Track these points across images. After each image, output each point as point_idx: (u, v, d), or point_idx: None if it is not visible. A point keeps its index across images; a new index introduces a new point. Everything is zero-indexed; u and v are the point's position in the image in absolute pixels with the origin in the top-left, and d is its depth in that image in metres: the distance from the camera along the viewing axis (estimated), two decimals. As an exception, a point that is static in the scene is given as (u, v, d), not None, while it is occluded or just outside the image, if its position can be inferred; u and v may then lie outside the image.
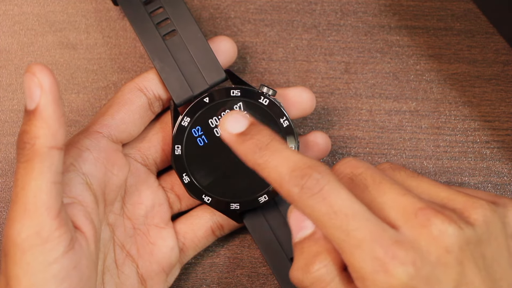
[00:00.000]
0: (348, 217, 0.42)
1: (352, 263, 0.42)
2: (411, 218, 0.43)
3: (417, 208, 0.43)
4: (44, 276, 0.43)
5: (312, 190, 0.43)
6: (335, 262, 0.44)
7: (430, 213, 0.42)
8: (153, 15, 0.52)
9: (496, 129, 0.56)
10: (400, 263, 0.41)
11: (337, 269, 0.44)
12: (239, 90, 0.51)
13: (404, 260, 0.41)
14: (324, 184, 0.43)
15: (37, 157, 0.43)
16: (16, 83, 0.56)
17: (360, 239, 0.42)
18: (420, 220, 0.42)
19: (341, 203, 0.43)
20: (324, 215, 0.43)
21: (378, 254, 0.41)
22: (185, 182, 0.51)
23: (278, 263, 0.52)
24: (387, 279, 0.41)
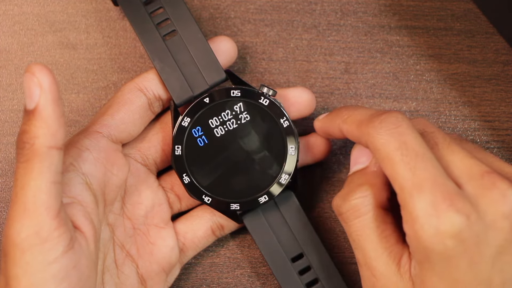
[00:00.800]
0: (418, 156, 0.43)
1: (408, 203, 0.43)
2: (476, 178, 0.43)
3: (484, 170, 0.44)
4: (44, 275, 0.43)
5: (390, 124, 0.44)
6: (374, 196, 0.45)
7: (496, 177, 0.43)
8: (153, 15, 0.52)
9: (496, 129, 0.56)
10: (455, 211, 0.42)
11: (374, 203, 0.45)
12: (239, 90, 0.51)
13: (460, 209, 0.42)
14: (402, 122, 0.44)
15: (36, 157, 0.43)
16: (16, 83, 0.56)
17: (424, 179, 0.43)
18: (485, 182, 0.43)
19: (415, 142, 0.44)
20: (396, 150, 0.44)
21: (437, 198, 0.42)
22: (185, 183, 0.51)
23: (278, 263, 0.52)
24: (438, 223, 0.42)
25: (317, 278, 0.52)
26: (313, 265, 0.52)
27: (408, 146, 0.44)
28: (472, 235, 0.42)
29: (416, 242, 0.43)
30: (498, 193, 0.43)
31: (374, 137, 0.45)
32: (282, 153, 0.51)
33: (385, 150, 0.44)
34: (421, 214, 0.42)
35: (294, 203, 0.53)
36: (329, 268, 0.52)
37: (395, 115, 0.45)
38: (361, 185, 0.46)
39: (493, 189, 0.43)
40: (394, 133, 0.44)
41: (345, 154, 0.56)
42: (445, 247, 0.42)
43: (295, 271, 0.52)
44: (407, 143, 0.44)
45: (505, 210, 0.43)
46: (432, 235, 0.42)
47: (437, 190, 0.42)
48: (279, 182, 0.51)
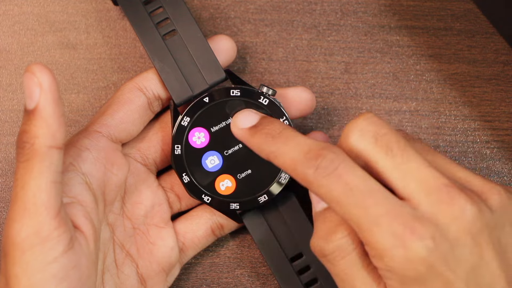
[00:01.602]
0: (364, 194, 0.42)
1: (370, 240, 0.42)
2: (434, 193, 0.42)
3: (441, 183, 0.42)
4: (44, 275, 0.43)
5: (327, 169, 0.43)
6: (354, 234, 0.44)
7: (454, 191, 0.42)
8: (153, 15, 0.52)
9: (496, 129, 0.56)
10: (419, 238, 0.41)
11: (357, 241, 0.44)
12: (239, 90, 0.51)
13: (423, 235, 0.41)
14: (339, 163, 0.43)
15: (36, 157, 0.43)
16: (16, 83, 0.56)
17: (378, 215, 0.42)
18: (443, 197, 0.42)
19: (357, 180, 0.42)
20: (341, 194, 0.42)
21: (396, 229, 0.41)
22: (185, 182, 0.51)
23: (278, 263, 0.52)
24: (405, 254, 0.41)
25: (316, 277, 0.52)
26: (312, 265, 0.52)
27: (352, 187, 0.42)
28: (440, 256, 0.41)
29: (390, 273, 0.42)
30: (457, 209, 0.42)
31: (314, 185, 0.43)
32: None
33: (330, 196, 0.43)
34: (387, 247, 0.42)
35: (293, 202, 0.53)
36: (329, 268, 0.52)
37: (330, 157, 0.43)
38: (341, 223, 0.44)
39: (452, 205, 0.42)
40: (333, 177, 0.43)
41: (345, 154, 0.56)
42: (418, 272, 0.42)
43: (294, 270, 0.52)
44: (349, 184, 0.42)
45: (466, 225, 0.42)
46: (403, 264, 0.41)
47: (394, 222, 0.41)
48: (278, 182, 0.51)
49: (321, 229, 0.45)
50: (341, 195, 0.43)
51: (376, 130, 0.44)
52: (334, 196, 0.43)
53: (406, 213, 0.42)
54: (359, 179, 0.43)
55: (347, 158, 0.43)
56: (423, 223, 0.42)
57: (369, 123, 0.44)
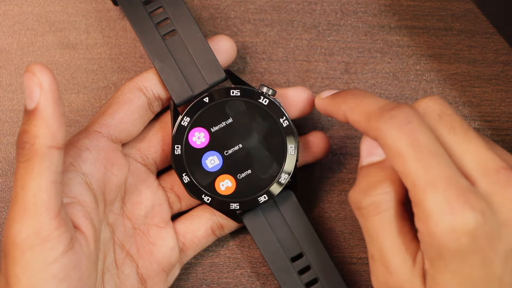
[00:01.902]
0: (431, 153, 0.43)
1: (421, 200, 0.42)
2: (491, 174, 0.43)
3: (500, 166, 0.43)
4: (44, 275, 0.43)
5: (401, 120, 0.43)
6: (396, 193, 0.44)
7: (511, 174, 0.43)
8: (153, 15, 0.52)
9: (496, 129, 0.56)
10: (470, 208, 0.41)
11: (396, 200, 0.44)
12: (238, 90, 0.51)
13: (475, 207, 0.42)
14: (414, 118, 0.43)
15: (36, 157, 0.43)
16: (16, 83, 0.56)
17: (437, 177, 0.42)
18: (500, 178, 0.43)
19: (427, 139, 0.43)
20: (408, 146, 0.43)
21: (451, 195, 0.42)
22: (185, 182, 0.51)
23: (278, 263, 0.52)
24: (452, 221, 0.41)
25: (317, 277, 0.52)
26: (312, 265, 0.52)
27: (421, 143, 0.43)
28: (486, 233, 0.42)
29: (430, 239, 0.42)
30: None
31: (385, 133, 0.44)
32: (281, 152, 0.51)
33: (397, 147, 0.43)
34: (435, 211, 0.42)
35: (293, 202, 0.53)
36: (329, 267, 0.52)
37: (406, 110, 0.44)
38: (382, 180, 0.45)
39: (507, 187, 0.43)
40: (405, 129, 0.43)
41: (345, 154, 0.56)
42: (459, 244, 0.42)
43: (294, 270, 0.52)
44: (419, 140, 0.43)
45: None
46: (447, 232, 0.42)
47: (451, 187, 0.42)
48: (278, 182, 0.51)
49: (362, 183, 0.45)
50: (408, 148, 0.43)
51: (441, 109, 0.45)
52: (400, 147, 0.43)
53: (464, 184, 0.42)
54: (429, 139, 0.43)
55: (420, 117, 0.44)
56: (477, 197, 0.42)
57: (436, 103, 0.45)
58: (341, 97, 0.48)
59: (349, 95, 0.47)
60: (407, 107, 0.44)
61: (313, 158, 0.54)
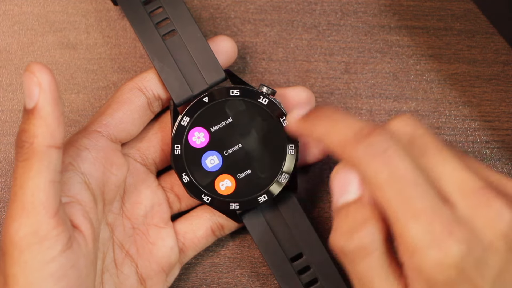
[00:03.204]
0: (410, 184, 0.41)
1: (405, 233, 0.41)
2: (470, 195, 0.41)
3: (478, 186, 0.42)
4: (42, 274, 0.43)
5: (377, 149, 0.42)
6: (381, 231, 0.42)
7: (491, 194, 0.41)
8: (153, 15, 0.52)
9: (496, 129, 0.56)
10: (456, 240, 0.40)
11: (382, 239, 0.42)
12: (238, 89, 0.51)
13: (460, 237, 0.40)
14: (390, 145, 0.42)
15: (35, 156, 0.43)
16: (16, 83, 0.56)
17: (420, 208, 0.41)
18: (480, 200, 0.41)
19: (406, 168, 0.41)
20: (386, 179, 0.41)
21: (435, 228, 0.40)
22: (185, 182, 0.51)
23: (278, 263, 0.52)
24: (439, 255, 0.40)
25: (317, 277, 0.52)
26: (312, 265, 0.52)
27: (400, 173, 0.41)
28: (472, 262, 0.41)
29: (417, 273, 0.41)
30: (494, 212, 0.41)
31: (363, 163, 0.42)
32: (281, 152, 0.51)
33: (376, 179, 0.42)
34: (420, 245, 0.40)
35: (293, 202, 0.53)
36: (329, 267, 0.52)
37: (382, 137, 0.42)
38: (365, 220, 0.42)
39: (488, 207, 0.41)
40: (383, 158, 0.41)
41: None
42: (447, 277, 0.41)
43: (294, 270, 0.52)
44: (398, 169, 0.41)
45: (502, 229, 0.41)
46: (434, 266, 0.40)
47: (434, 219, 0.41)
48: (278, 182, 0.51)
49: (342, 225, 0.43)
50: (387, 181, 0.41)
51: (412, 131, 0.43)
52: (379, 179, 0.41)
53: (447, 214, 0.41)
54: (407, 167, 0.41)
55: (398, 143, 0.42)
56: (461, 227, 0.41)
57: (405, 124, 0.43)
58: (312, 120, 0.45)
59: (321, 118, 0.45)
60: (382, 132, 0.42)
61: (313, 158, 0.54)
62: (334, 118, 0.44)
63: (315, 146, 0.53)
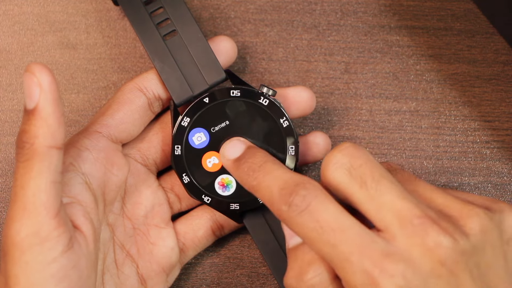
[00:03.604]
0: (334, 231, 0.42)
1: (343, 276, 0.42)
2: (407, 225, 0.42)
3: (414, 215, 0.42)
4: (43, 275, 0.43)
5: (299, 207, 0.43)
6: (328, 270, 0.44)
7: (427, 222, 0.42)
8: (153, 15, 0.52)
9: (496, 129, 0.56)
10: (389, 276, 0.41)
11: (330, 277, 0.44)
12: (239, 90, 0.51)
13: (393, 272, 0.41)
14: (311, 200, 0.43)
15: (36, 157, 0.43)
16: (16, 83, 0.56)
17: (348, 252, 0.42)
18: (416, 229, 0.42)
19: (328, 217, 0.43)
20: (312, 231, 0.43)
21: (366, 267, 0.41)
22: (185, 182, 0.51)
23: (278, 263, 0.52)
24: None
25: (317, 278, 0.52)
26: (312, 265, 0.52)
27: (322, 224, 0.42)
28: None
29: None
30: (431, 241, 0.42)
31: (288, 222, 0.44)
32: (282, 153, 0.51)
33: (303, 233, 0.43)
34: (358, 284, 0.42)
35: (294, 203, 0.53)
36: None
37: (302, 194, 0.43)
38: (311, 262, 0.44)
39: (424, 236, 0.42)
40: (304, 215, 0.43)
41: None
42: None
43: (294, 271, 0.52)
44: (320, 221, 0.43)
45: (441, 256, 0.42)
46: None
47: (364, 259, 0.41)
48: (279, 182, 0.51)
49: (292, 268, 0.45)
50: (312, 233, 0.43)
51: (351, 162, 0.44)
52: (306, 233, 0.43)
53: (377, 249, 0.42)
54: (330, 216, 0.43)
55: (320, 193, 0.44)
56: (393, 260, 0.41)
57: (344, 154, 0.44)
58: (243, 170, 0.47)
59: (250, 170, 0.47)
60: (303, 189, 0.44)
61: (313, 158, 0.54)
62: (263, 170, 0.46)
63: (315, 146, 0.53)
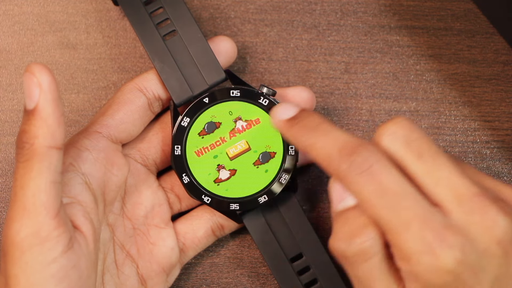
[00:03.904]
0: (397, 195, 0.42)
1: (398, 243, 0.42)
2: (465, 202, 0.42)
3: (473, 193, 0.42)
4: (43, 275, 0.43)
5: (361, 167, 0.42)
6: (381, 236, 0.43)
7: (485, 201, 0.42)
8: (153, 15, 0.52)
9: (496, 129, 0.56)
10: (449, 247, 0.41)
11: (381, 243, 0.43)
12: (238, 90, 0.51)
13: (453, 244, 0.41)
14: (374, 161, 0.42)
15: (36, 157, 0.43)
16: (16, 83, 0.56)
17: (409, 219, 0.41)
18: (475, 207, 0.42)
19: (391, 181, 0.42)
20: (373, 193, 0.42)
21: (426, 235, 0.41)
22: (185, 183, 0.51)
23: (278, 263, 0.52)
24: (433, 262, 0.41)
25: (316, 278, 0.52)
26: (312, 265, 0.52)
27: (385, 187, 0.42)
28: (468, 267, 0.41)
29: (414, 277, 0.42)
30: (489, 219, 0.41)
31: (347, 181, 0.43)
32: (281, 153, 0.51)
33: (362, 194, 0.42)
34: (415, 252, 0.41)
35: (293, 203, 0.53)
36: (328, 268, 0.52)
37: (364, 154, 0.43)
38: (364, 226, 0.43)
39: (483, 214, 0.42)
40: (366, 175, 0.42)
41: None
42: (444, 281, 0.41)
43: (294, 271, 0.52)
44: (382, 184, 0.42)
45: (497, 236, 0.41)
46: (429, 272, 0.41)
47: (425, 227, 0.41)
48: (279, 182, 0.51)
49: (342, 230, 0.44)
50: (373, 195, 0.42)
51: (407, 135, 0.43)
52: (365, 194, 0.42)
53: (438, 220, 0.41)
54: (393, 179, 0.42)
55: (382, 157, 0.43)
56: (454, 232, 0.41)
57: (400, 127, 0.44)
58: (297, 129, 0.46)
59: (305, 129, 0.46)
60: (365, 149, 0.43)
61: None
62: (320, 129, 0.45)
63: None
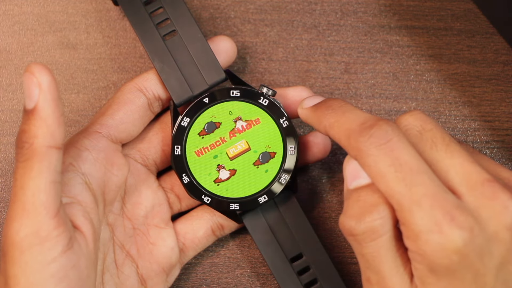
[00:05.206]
0: (413, 171, 0.42)
1: (408, 219, 0.42)
2: (477, 187, 0.42)
3: (484, 178, 0.43)
4: (43, 275, 0.43)
5: (380, 140, 0.43)
6: (391, 215, 0.43)
7: (497, 186, 0.42)
8: (153, 15, 0.52)
9: (496, 129, 0.56)
10: (458, 227, 0.41)
11: (392, 223, 0.44)
12: (238, 90, 0.51)
13: (462, 224, 0.41)
14: (393, 136, 0.43)
15: (35, 157, 0.43)
16: (16, 83, 0.56)
17: (421, 195, 0.42)
18: (486, 192, 0.42)
19: (408, 157, 0.42)
20: (389, 166, 0.42)
21: (437, 213, 0.41)
22: (185, 183, 0.51)
23: (278, 263, 0.52)
24: (441, 240, 0.41)
25: (316, 278, 0.52)
26: (312, 265, 0.52)
27: (402, 161, 0.42)
28: (475, 248, 0.42)
29: (421, 257, 0.42)
30: (500, 204, 0.42)
31: (365, 153, 0.43)
32: (281, 153, 0.51)
33: (377, 168, 0.43)
34: (423, 231, 0.41)
35: (293, 203, 0.53)
36: (328, 268, 0.52)
37: (385, 128, 0.43)
38: (376, 204, 0.44)
39: (494, 199, 0.42)
40: (385, 149, 0.43)
41: (345, 154, 0.56)
42: (450, 262, 0.41)
43: (294, 271, 0.52)
44: (399, 158, 0.42)
45: (507, 221, 0.42)
46: (437, 251, 0.41)
47: (436, 206, 0.42)
48: (279, 182, 0.51)
49: (353, 208, 0.44)
50: (389, 169, 0.43)
51: (422, 126, 0.45)
52: (380, 168, 0.43)
53: (449, 200, 0.42)
54: (410, 155, 0.43)
55: (401, 134, 0.43)
56: (464, 213, 0.42)
57: (415, 118, 0.45)
58: (321, 110, 0.47)
59: (329, 109, 0.47)
60: (386, 124, 0.44)
61: (313, 158, 0.54)
62: (342, 110, 0.46)
63: (315, 146, 0.53)
